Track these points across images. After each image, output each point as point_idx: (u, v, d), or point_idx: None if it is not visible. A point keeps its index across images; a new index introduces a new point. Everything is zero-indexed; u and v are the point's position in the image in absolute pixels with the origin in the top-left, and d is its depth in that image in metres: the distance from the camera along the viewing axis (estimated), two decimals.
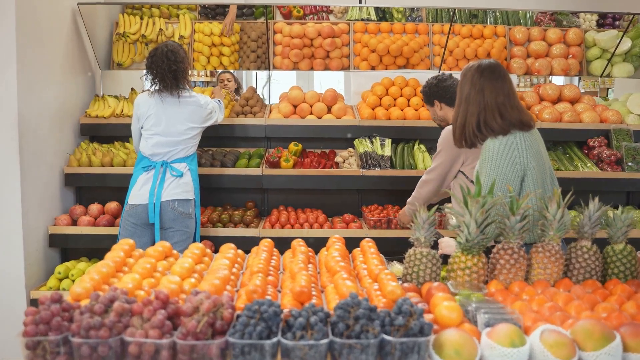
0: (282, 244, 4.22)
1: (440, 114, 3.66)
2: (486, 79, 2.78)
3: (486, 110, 2.76)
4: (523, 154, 2.73)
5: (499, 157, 2.72)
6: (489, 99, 2.76)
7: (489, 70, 2.79)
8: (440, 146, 3.51)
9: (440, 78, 3.62)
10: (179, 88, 3.71)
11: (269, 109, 4.93)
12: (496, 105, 2.75)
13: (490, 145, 2.75)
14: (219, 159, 4.51)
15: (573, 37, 5.56)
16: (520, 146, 2.73)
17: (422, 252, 2.37)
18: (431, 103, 3.67)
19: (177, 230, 3.64)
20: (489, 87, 2.77)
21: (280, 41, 5.34)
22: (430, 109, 3.71)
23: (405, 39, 5.31)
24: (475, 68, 2.81)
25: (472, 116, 2.77)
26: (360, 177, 4.44)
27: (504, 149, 2.72)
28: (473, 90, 2.78)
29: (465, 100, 2.81)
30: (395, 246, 4.26)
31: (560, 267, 2.44)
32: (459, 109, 2.82)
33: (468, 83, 2.81)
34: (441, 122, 3.70)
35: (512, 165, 2.71)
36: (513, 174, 2.71)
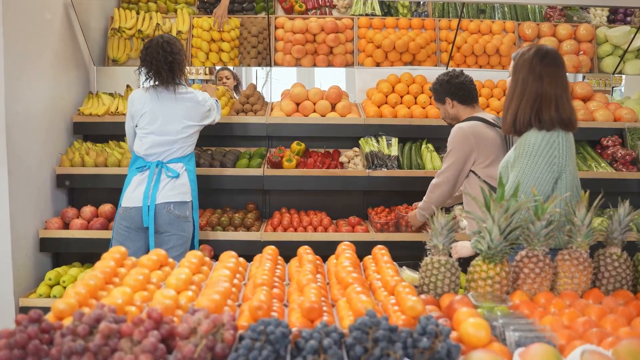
0: (284, 248, 4.02)
1: (452, 112, 3.48)
2: (546, 65, 2.57)
3: (542, 100, 2.55)
4: (562, 154, 2.54)
5: (538, 154, 2.53)
6: (547, 87, 2.55)
7: (550, 57, 2.60)
8: (450, 145, 3.33)
9: (452, 74, 3.44)
10: (176, 83, 3.51)
11: (270, 107, 4.74)
12: (554, 95, 2.55)
13: (531, 139, 2.55)
14: (218, 158, 4.31)
15: (584, 33, 5.38)
16: (560, 146, 2.54)
17: (440, 260, 2.18)
18: (442, 101, 3.49)
19: (173, 234, 3.44)
20: (549, 75, 2.57)
21: (281, 37, 5.15)
22: (441, 107, 3.54)
23: (412, 35, 5.11)
24: (534, 52, 2.60)
25: (527, 103, 2.56)
26: (366, 177, 4.25)
27: (545, 145, 2.53)
28: (531, 76, 2.57)
29: (521, 86, 2.59)
30: (404, 250, 4.07)
31: (588, 276, 2.25)
32: (513, 94, 2.61)
33: (525, 68, 2.59)
34: (452, 120, 3.52)
35: (550, 165, 2.52)
36: (549, 175, 2.53)
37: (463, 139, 3.27)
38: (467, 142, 3.26)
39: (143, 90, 3.59)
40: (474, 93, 3.47)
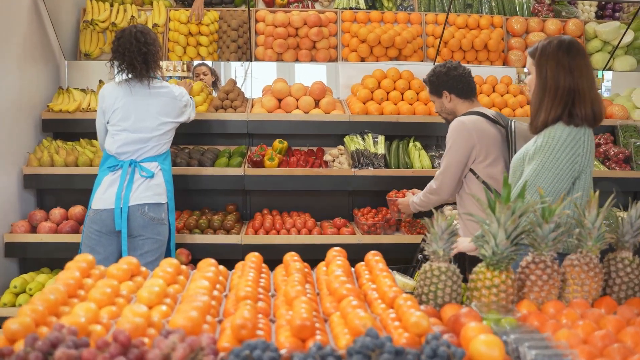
0: (267, 252, 3.78)
1: (449, 107, 3.28)
2: (573, 57, 2.40)
3: (576, 94, 2.37)
4: (586, 153, 2.38)
5: (562, 149, 2.36)
6: (578, 81, 2.38)
7: (575, 48, 2.42)
8: (450, 141, 3.12)
9: (450, 66, 3.24)
10: (150, 76, 3.28)
11: (250, 103, 4.53)
12: (587, 89, 2.39)
13: (557, 132, 2.37)
14: (196, 157, 4.08)
15: (573, 28, 5.25)
16: (585, 144, 2.38)
17: (441, 267, 1.98)
18: (438, 94, 3.28)
19: (147, 238, 3.21)
20: (578, 68, 2.39)
21: (262, 30, 4.93)
22: (437, 100, 3.32)
23: (397, 29, 4.94)
24: (557, 45, 2.42)
25: (561, 99, 2.38)
26: (352, 177, 4.05)
27: (571, 141, 2.36)
28: (561, 71, 2.39)
29: (552, 82, 2.40)
30: (393, 253, 3.88)
31: (599, 283, 2.08)
32: (545, 92, 2.42)
33: (552, 62, 2.41)
34: (448, 115, 3.32)
35: (572, 163, 2.36)
36: (569, 173, 2.36)
37: (465, 133, 3.07)
38: (469, 137, 3.07)
39: (115, 84, 3.36)
40: (473, 86, 3.28)
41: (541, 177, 2.36)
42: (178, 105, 3.42)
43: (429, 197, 3.26)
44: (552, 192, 2.35)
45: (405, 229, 4.00)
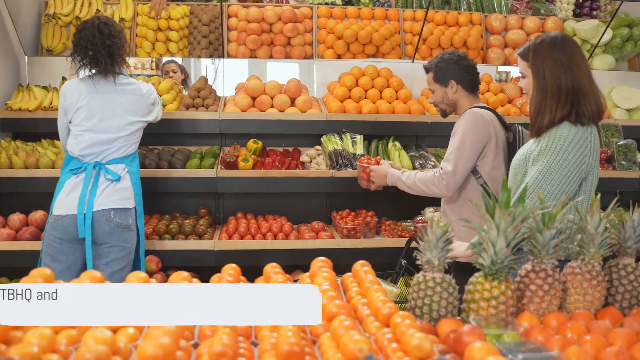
0: (241, 258, 3.63)
1: (452, 98, 3.09)
2: (570, 54, 2.29)
3: (579, 92, 2.26)
4: (593, 153, 2.28)
5: (569, 150, 2.24)
6: (579, 77, 2.27)
7: (570, 44, 2.31)
8: (465, 133, 2.91)
9: (460, 54, 3.09)
10: (115, 72, 3.07)
11: (223, 102, 4.33)
12: (588, 86, 2.29)
13: (564, 132, 2.25)
14: (166, 159, 3.87)
15: (552, 26, 5.16)
16: (592, 144, 2.27)
17: (436, 278, 1.83)
18: (444, 83, 3.08)
19: (114, 245, 2.99)
20: (576, 65, 2.29)
21: (235, 26, 4.73)
22: (439, 89, 3.11)
23: (375, 25, 4.78)
24: (551, 43, 2.31)
25: (566, 99, 2.27)
26: (330, 178, 3.88)
27: (578, 141, 2.25)
28: (561, 69, 2.27)
29: (553, 81, 2.27)
30: (374, 258, 3.70)
31: (602, 292, 1.95)
32: (545, 93, 2.30)
33: (549, 61, 2.28)
34: (448, 107, 3.14)
35: (579, 164, 2.24)
36: (576, 174, 2.25)
37: (483, 126, 2.90)
38: (486, 130, 2.91)
39: (77, 81, 3.13)
40: (479, 81, 3.15)
41: (548, 179, 2.23)
42: (146, 103, 3.21)
43: (429, 187, 2.99)
44: (559, 195, 2.23)
45: (387, 233, 3.84)
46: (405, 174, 3.13)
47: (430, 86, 3.18)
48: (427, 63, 3.18)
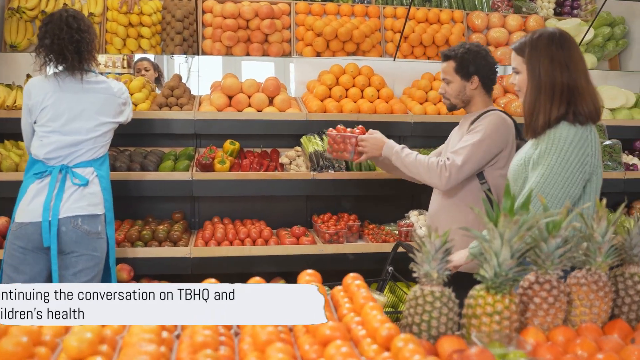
0: (219, 265, 3.46)
1: (468, 94, 2.88)
2: (568, 51, 2.20)
3: (575, 91, 2.17)
4: (595, 152, 2.18)
5: (571, 150, 2.14)
6: (576, 76, 2.18)
7: (568, 42, 2.23)
8: (486, 134, 2.72)
9: (486, 50, 2.89)
10: (84, 69, 2.87)
11: (198, 101, 4.14)
12: (586, 84, 2.20)
13: (564, 132, 2.15)
14: (138, 161, 3.67)
15: (534, 24, 5.08)
16: (593, 142, 2.17)
17: (434, 292, 1.68)
18: (467, 76, 2.84)
19: (82, 254, 2.79)
20: (574, 63, 2.20)
21: (210, 22, 4.54)
22: (458, 82, 2.87)
23: (355, 22, 4.63)
24: (548, 39, 2.21)
25: (561, 97, 2.17)
26: (311, 181, 3.73)
27: (579, 140, 2.15)
28: (557, 67, 2.18)
29: (547, 79, 2.18)
30: (357, 264, 3.59)
31: (609, 304, 1.83)
32: (539, 90, 2.20)
33: (546, 58, 2.19)
34: (460, 102, 2.92)
35: (582, 164, 2.14)
36: (580, 175, 2.14)
37: (505, 133, 2.73)
38: (505, 138, 2.74)
39: (43, 78, 2.92)
40: (495, 81, 2.97)
41: (551, 183, 2.12)
42: (117, 102, 3.02)
43: (428, 173, 2.74)
44: (563, 198, 2.13)
45: (370, 237, 3.69)
46: (405, 150, 2.86)
47: (447, 76, 2.89)
48: (448, 51, 2.90)
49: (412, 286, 3.21)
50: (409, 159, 2.81)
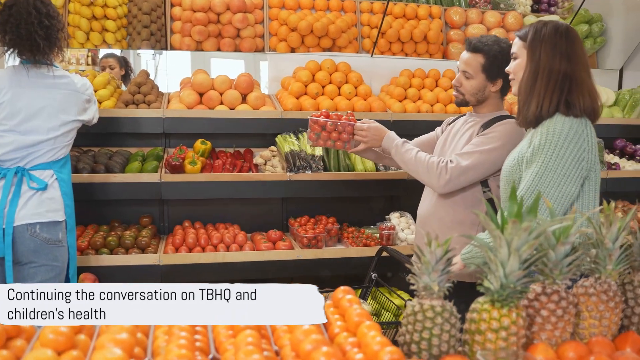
0: (190, 274, 3.23)
1: (485, 95, 2.63)
2: (571, 43, 2.12)
3: (572, 82, 2.08)
4: (592, 147, 2.09)
5: (566, 145, 2.03)
6: (576, 68, 2.10)
7: (573, 34, 2.16)
8: (498, 141, 2.51)
9: None
10: (47, 63, 2.63)
11: (167, 98, 3.92)
12: (585, 78, 2.11)
13: (558, 125, 2.05)
14: (103, 162, 3.44)
15: (512, 21, 5.00)
16: (589, 136, 2.09)
17: (435, 307, 1.51)
18: (493, 77, 2.59)
19: (41, 265, 2.55)
20: (576, 55, 2.11)
21: (179, 15, 4.32)
22: (481, 80, 2.60)
23: (331, 17, 4.47)
24: (553, 28, 2.14)
25: (555, 85, 2.09)
26: (287, 182, 3.54)
27: (574, 134, 2.05)
28: (557, 55, 2.09)
29: (545, 66, 2.10)
30: (338, 269, 3.42)
31: (619, 315, 1.69)
32: (535, 77, 2.11)
33: (548, 45, 2.11)
34: (474, 100, 2.66)
35: (578, 159, 2.04)
36: (577, 172, 2.05)
37: (517, 139, 2.46)
38: (514, 144, 2.45)
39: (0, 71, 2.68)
40: None
41: (545, 181, 2.01)
42: (80, 99, 2.79)
43: (427, 172, 2.55)
44: (560, 197, 2.00)
45: (350, 241, 3.53)
46: (406, 146, 2.67)
47: (469, 70, 2.60)
48: (479, 42, 2.59)
49: (394, 291, 3.08)
50: (408, 156, 2.63)
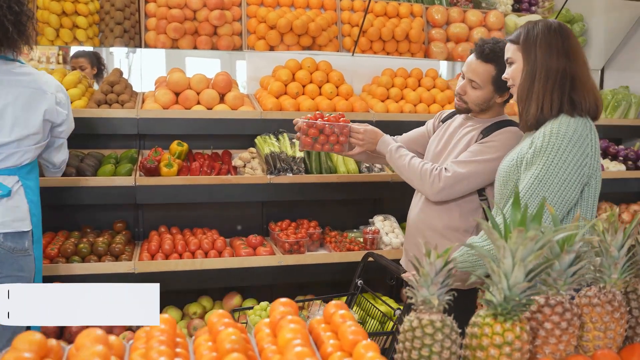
0: (167, 282, 3.07)
1: (489, 105, 2.49)
2: (566, 39, 2.04)
3: (573, 79, 1.99)
4: (595, 153, 2.00)
5: (569, 149, 1.94)
6: (575, 64, 2.01)
7: (566, 30, 2.07)
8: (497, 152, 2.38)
9: None
10: (17, 54, 2.46)
11: (141, 98, 3.76)
12: (587, 75, 2.04)
13: (562, 128, 1.95)
14: (74, 165, 3.27)
15: (494, 20, 4.93)
16: (593, 141, 2.02)
17: (435, 322, 1.41)
18: (502, 90, 2.43)
19: (6, 276, 2.36)
20: (574, 50, 2.03)
21: (154, 12, 4.16)
22: (489, 91, 2.45)
23: (311, 15, 4.35)
24: (545, 26, 2.06)
25: (554, 84, 1.99)
26: (268, 185, 3.42)
27: (578, 138, 1.95)
28: (554, 53, 2.01)
29: (543, 65, 2.01)
30: (321, 275, 3.31)
31: (624, 326, 1.61)
32: (533, 79, 2.02)
33: (543, 45, 2.02)
34: (477, 109, 2.51)
35: (580, 165, 1.96)
36: (578, 178, 1.97)
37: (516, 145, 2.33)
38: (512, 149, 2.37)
39: None
40: None
41: (545, 185, 1.92)
42: (50, 99, 2.58)
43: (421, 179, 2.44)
44: (559, 203, 1.92)
45: (332, 245, 3.41)
46: (400, 151, 2.56)
47: (477, 80, 2.43)
48: (491, 51, 2.39)
49: (379, 297, 2.97)
50: (401, 162, 2.52)
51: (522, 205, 1.86)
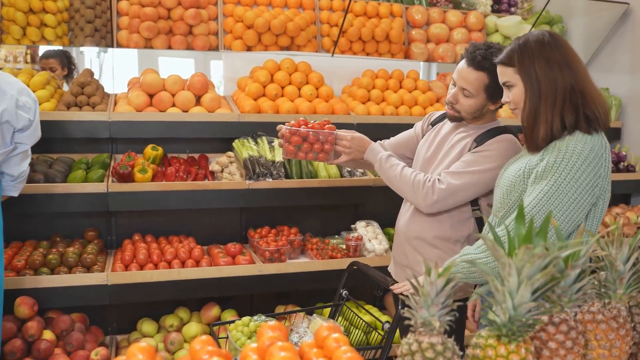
0: (142, 293, 2.92)
1: (482, 113, 2.37)
2: (563, 49, 1.91)
3: (582, 93, 1.87)
4: (607, 173, 1.92)
5: (584, 168, 1.84)
6: (579, 77, 1.89)
7: (562, 40, 1.95)
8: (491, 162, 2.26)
9: None
10: None
11: (113, 100, 3.62)
12: (593, 84, 1.92)
13: (578, 145, 1.84)
14: (42, 170, 3.11)
15: (474, 21, 4.88)
16: (606, 161, 1.93)
17: (435, 345, 1.30)
18: (495, 99, 2.30)
19: None
20: (574, 60, 1.91)
21: (126, 10, 4.01)
22: (482, 99, 2.32)
23: (289, 14, 4.23)
24: (538, 40, 1.92)
25: (563, 102, 1.87)
26: (246, 190, 3.30)
27: (594, 158, 1.85)
28: (555, 67, 1.87)
29: (547, 82, 1.87)
30: (303, 284, 3.20)
31: (629, 343, 1.52)
32: (539, 98, 1.89)
33: (540, 60, 1.88)
34: (469, 117, 2.39)
35: (592, 185, 1.87)
36: (588, 199, 1.86)
37: (512, 154, 2.23)
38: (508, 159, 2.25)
39: None
40: None
41: (554, 203, 1.81)
42: (10, 101, 2.46)
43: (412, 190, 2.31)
44: (565, 223, 1.82)
45: (314, 253, 3.30)
46: (391, 160, 2.41)
47: (469, 88, 2.30)
48: (483, 58, 2.25)
49: (362, 306, 2.87)
50: (392, 172, 2.39)
51: (527, 219, 1.79)
